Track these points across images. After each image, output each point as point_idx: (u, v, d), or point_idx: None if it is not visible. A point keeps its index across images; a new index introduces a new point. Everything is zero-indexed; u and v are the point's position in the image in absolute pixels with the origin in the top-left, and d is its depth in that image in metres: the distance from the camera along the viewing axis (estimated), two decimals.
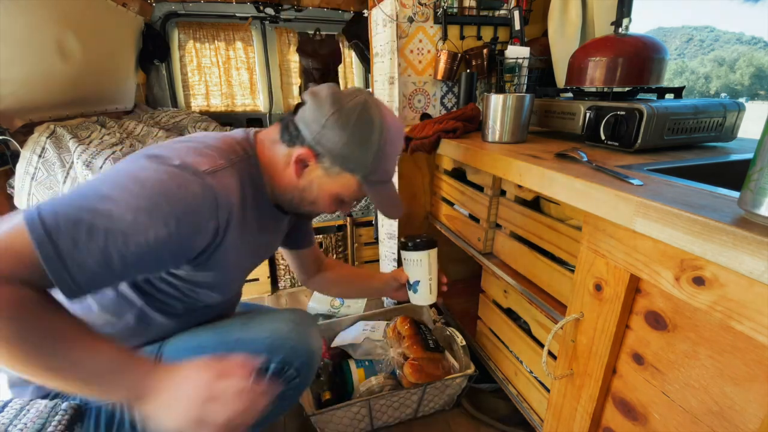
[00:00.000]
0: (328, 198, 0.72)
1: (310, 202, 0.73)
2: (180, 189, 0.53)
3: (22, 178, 1.41)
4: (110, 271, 0.50)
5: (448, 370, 1.10)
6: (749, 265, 0.40)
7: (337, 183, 0.70)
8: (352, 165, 0.68)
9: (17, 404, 0.63)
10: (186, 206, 0.54)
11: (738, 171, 0.57)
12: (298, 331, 0.74)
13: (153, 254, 0.53)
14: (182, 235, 0.54)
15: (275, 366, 0.70)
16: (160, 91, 3.06)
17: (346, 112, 0.65)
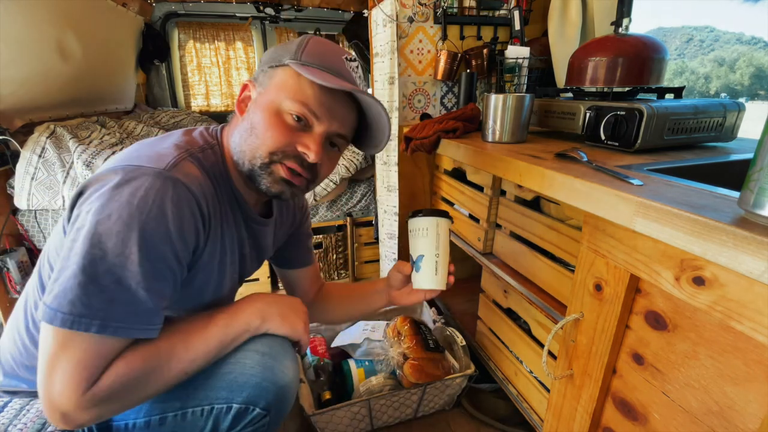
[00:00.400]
0: (268, 113, 0.60)
1: (249, 131, 0.62)
2: (157, 202, 0.51)
3: (22, 178, 1.41)
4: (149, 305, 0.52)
5: (448, 370, 1.10)
6: (749, 265, 0.40)
7: (272, 88, 0.61)
8: (282, 58, 0.61)
9: (17, 404, 0.63)
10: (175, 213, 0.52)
11: (738, 171, 0.57)
12: (265, 365, 0.63)
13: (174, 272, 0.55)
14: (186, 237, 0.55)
15: (237, 407, 0.62)
16: (160, 91, 3.06)
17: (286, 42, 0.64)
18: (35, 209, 1.46)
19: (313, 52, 0.61)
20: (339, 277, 2.01)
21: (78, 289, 0.47)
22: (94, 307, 0.48)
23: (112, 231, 0.49)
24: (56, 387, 0.48)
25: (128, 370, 0.51)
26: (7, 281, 1.41)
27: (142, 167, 0.52)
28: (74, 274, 0.48)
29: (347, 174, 1.72)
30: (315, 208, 1.81)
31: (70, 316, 0.47)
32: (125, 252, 0.49)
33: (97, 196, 0.50)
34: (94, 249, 0.48)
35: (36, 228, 1.49)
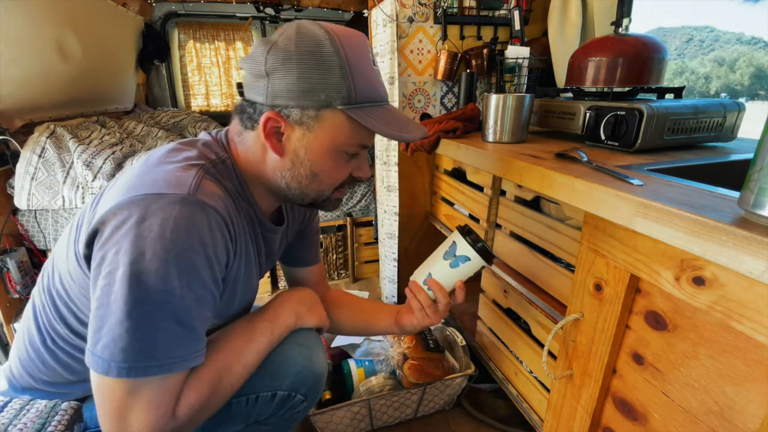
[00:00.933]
0: (327, 158, 0.58)
1: (309, 177, 0.60)
2: (189, 230, 0.49)
3: (22, 178, 1.41)
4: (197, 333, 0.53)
5: (448, 370, 1.10)
6: (749, 265, 0.40)
7: (323, 132, 0.56)
8: (323, 95, 0.53)
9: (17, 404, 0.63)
10: (209, 239, 0.51)
11: (738, 171, 0.57)
12: (304, 355, 0.69)
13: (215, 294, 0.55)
14: (221, 260, 0.55)
15: (282, 394, 0.67)
16: (160, 91, 3.06)
17: (282, 44, 0.53)
18: (35, 209, 1.46)
19: (360, 79, 0.55)
20: (339, 277, 2.01)
21: (127, 336, 0.46)
22: (147, 350, 0.48)
23: (150, 269, 0.46)
24: (133, 430, 0.49)
25: (198, 396, 0.54)
26: (7, 281, 1.41)
27: (164, 195, 0.49)
28: (120, 321, 0.46)
29: None
30: None
31: (125, 364, 0.47)
32: (168, 288, 0.47)
33: (124, 233, 0.47)
34: (135, 291, 0.46)
35: (36, 228, 1.49)
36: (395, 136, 0.57)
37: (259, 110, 0.56)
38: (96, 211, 0.53)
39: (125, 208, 0.48)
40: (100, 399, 0.49)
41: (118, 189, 0.53)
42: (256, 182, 0.63)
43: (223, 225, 0.54)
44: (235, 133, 0.63)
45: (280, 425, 0.72)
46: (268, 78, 0.54)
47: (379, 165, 1.52)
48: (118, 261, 0.47)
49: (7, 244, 1.44)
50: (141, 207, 0.48)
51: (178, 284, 0.48)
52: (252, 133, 0.59)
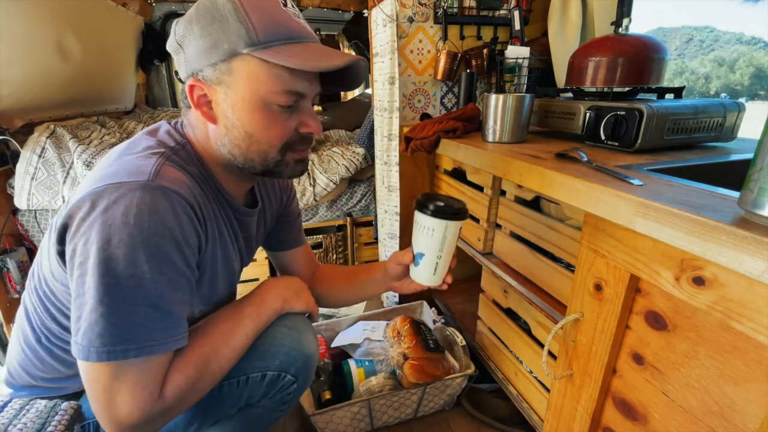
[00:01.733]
0: (255, 112, 0.55)
1: (245, 138, 0.57)
2: (153, 215, 0.49)
3: (22, 178, 1.41)
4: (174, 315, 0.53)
5: (448, 370, 1.10)
6: (749, 265, 0.40)
7: (241, 85, 0.54)
8: (225, 45, 0.52)
9: (17, 404, 0.63)
10: (174, 222, 0.51)
11: (738, 171, 0.57)
12: (292, 337, 0.71)
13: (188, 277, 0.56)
14: (190, 242, 0.54)
15: (272, 374, 0.69)
16: (160, 91, 3.07)
17: (185, 15, 0.55)
18: (35, 209, 1.46)
19: (261, 21, 0.52)
20: None
21: (102, 320, 0.47)
22: (124, 334, 0.48)
23: (118, 255, 0.47)
24: (122, 411, 0.50)
25: (186, 378, 0.55)
26: (7, 281, 1.41)
27: (125, 183, 0.49)
28: (94, 307, 0.47)
29: (347, 174, 1.72)
30: (315, 208, 1.81)
31: (104, 348, 0.48)
32: (137, 272, 0.48)
33: (89, 224, 0.48)
34: (105, 278, 0.47)
35: (36, 228, 1.49)
36: (311, 66, 0.53)
37: (187, 83, 0.56)
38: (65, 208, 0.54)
39: (88, 199, 0.49)
40: (88, 385, 0.51)
41: (84, 185, 0.54)
42: (214, 163, 0.63)
43: (189, 208, 0.53)
44: (184, 117, 0.64)
45: (272, 407, 0.73)
46: (182, 50, 0.55)
47: (379, 165, 1.52)
48: (87, 251, 0.48)
49: (7, 244, 1.44)
50: (103, 197, 0.49)
51: (147, 268, 0.49)
52: (192, 111, 0.59)
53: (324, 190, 1.70)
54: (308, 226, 1.84)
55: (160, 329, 0.51)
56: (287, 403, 0.75)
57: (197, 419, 0.67)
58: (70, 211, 0.51)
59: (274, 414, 0.75)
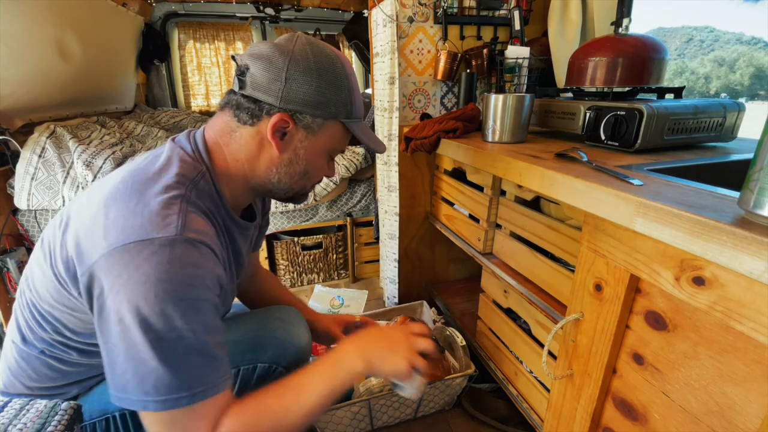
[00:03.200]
0: (319, 159, 0.66)
1: (301, 174, 0.66)
2: (185, 269, 0.51)
3: (22, 178, 1.41)
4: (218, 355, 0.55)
5: (448, 370, 1.10)
6: (749, 265, 0.40)
7: (323, 137, 0.63)
8: (333, 109, 0.61)
9: (17, 404, 0.63)
10: (206, 272, 0.53)
11: (738, 171, 0.57)
12: (284, 328, 0.72)
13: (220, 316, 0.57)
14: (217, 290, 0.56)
15: (263, 366, 0.69)
16: (160, 91, 3.07)
17: (301, 56, 0.59)
18: (35, 209, 1.46)
19: (356, 100, 0.65)
20: (339, 277, 2.01)
21: (154, 373, 0.49)
22: (176, 383, 0.50)
23: (157, 311, 0.48)
24: None
25: (239, 424, 0.54)
26: (7, 281, 1.41)
27: (155, 239, 0.50)
28: (142, 362, 0.49)
29: (347, 174, 1.72)
30: (315, 208, 1.81)
31: (159, 398, 0.49)
32: (177, 325, 0.50)
33: (123, 283, 0.49)
34: (148, 334, 0.48)
35: (36, 228, 1.49)
36: (372, 148, 0.69)
37: (266, 109, 0.59)
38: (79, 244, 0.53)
39: (117, 256, 0.49)
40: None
41: (100, 225, 0.52)
42: (238, 182, 0.65)
43: (213, 254, 0.56)
44: (222, 131, 0.63)
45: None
46: (286, 84, 0.58)
47: (379, 165, 1.52)
48: (123, 309, 0.48)
49: (7, 244, 1.44)
50: (134, 254, 0.49)
51: (186, 320, 0.50)
52: (249, 129, 0.61)
53: (324, 190, 1.70)
54: (308, 226, 1.85)
55: (208, 373, 0.53)
56: None
57: None
58: (97, 265, 0.50)
59: None
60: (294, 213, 1.79)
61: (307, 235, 1.90)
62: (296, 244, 1.86)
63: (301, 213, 1.79)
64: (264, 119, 0.60)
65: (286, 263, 1.89)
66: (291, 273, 1.92)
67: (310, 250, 1.90)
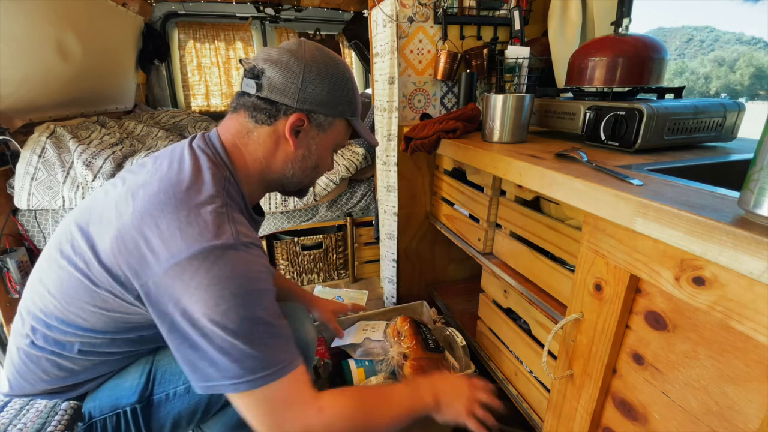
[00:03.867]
0: (327, 153, 0.74)
1: (312, 167, 0.74)
2: (249, 266, 0.58)
3: (22, 178, 1.41)
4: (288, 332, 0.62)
5: (449, 370, 1.10)
6: (749, 265, 0.40)
7: (332, 133, 0.72)
8: (340, 108, 0.69)
9: (17, 404, 0.63)
10: (264, 269, 0.60)
11: (738, 171, 0.57)
12: (291, 325, 0.72)
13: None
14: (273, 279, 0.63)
15: None
16: (160, 91, 3.07)
17: (313, 61, 0.65)
18: (35, 209, 1.46)
19: (358, 101, 0.74)
20: (339, 277, 2.01)
21: (242, 358, 0.55)
22: (265, 362, 0.56)
23: (236, 305, 0.55)
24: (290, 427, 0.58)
25: (345, 409, 0.62)
26: (7, 281, 1.41)
27: (217, 246, 0.55)
28: (227, 351, 0.54)
29: (347, 174, 1.72)
30: (315, 208, 1.81)
31: (252, 377, 0.55)
32: (254, 314, 0.56)
33: (195, 286, 0.54)
34: (228, 328, 0.54)
35: (36, 228, 1.49)
36: (371, 141, 0.78)
37: (284, 110, 0.65)
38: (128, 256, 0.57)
39: (186, 265, 0.54)
40: (252, 416, 0.58)
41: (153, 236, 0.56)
42: (255, 179, 0.71)
43: (261, 252, 0.62)
44: (239, 133, 0.68)
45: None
46: (302, 87, 0.65)
47: (379, 165, 1.52)
48: (198, 311, 0.54)
49: (7, 244, 1.44)
50: (201, 261, 0.54)
51: (259, 308, 0.57)
52: (266, 128, 0.67)
53: (324, 190, 1.70)
54: (308, 226, 1.85)
55: (286, 351, 0.60)
56: None
57: (200, 407, 0.69)
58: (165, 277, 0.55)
59: None
60: (294, 213, 1.78)
61: (307, 235, 1.90)
62: (296, 244, 1.86)
63: (301, 213, 1.79)
64: (281, 119, 0.66)
65: (286, 263, 1.89)
66: (291, 273, 1.92)
67: (310, 250, 1.91)
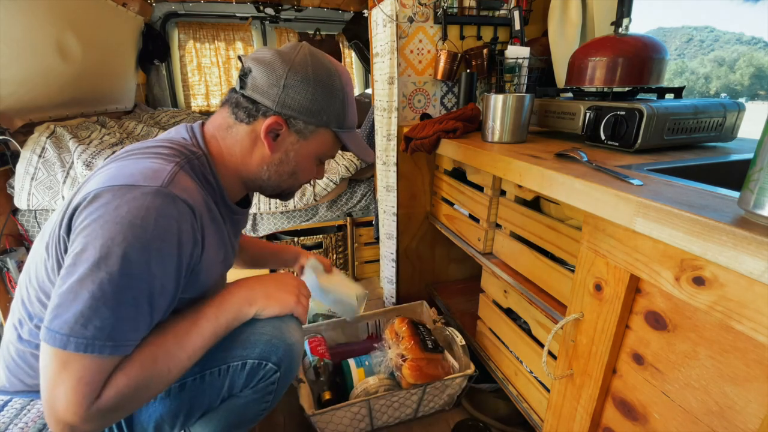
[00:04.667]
0: (308, 162, 0.71)
1: (289, 174, 0.71)
2: (159, 219, 0.51)
3: (22, 178, 1.41)
4: (151, 319, 0.55)
5: (448, 370, 1.10)
6: (749, 265, 0.40)
7: (314, 142, 0.68)
8: (325, 117, 0.66)
9: (17, 404, 0.63)
10: (176, 230, 0.53)
11: (738, 171, 0.57)
12: (273, 325, 0.71)
13: (176, 285, 0.56)
14: (186, 252, 0.56)
15: (252, 362, 0.69)
16: (160, 91, 3.07)
17: (301, 66, 0.63)
18: (35, 209, 1.46)
19: (350, 111, 0.70)
20: None
21: (89, 312, 0.48)
22: (107, 330, 0.49)
23: (119, 253, 0.49)
24: (60, 403, 0.48)
25: (128, 381, 0.52)
26: (7, 281, 1.41)
27: (140, 186, 0.52)
28: (83, 299, 0.48)
29: (347, 174, 1.72)
30: (315, 208, 1.81)
31: (83, 340, 0.48)
32: (133, 271, 0.50)
33: (96, 217, 0.50)
34: (101, 273, 0.48)
35: (36, 228, 1.49)
36: (363, 157, 0.74)
37: (263, 111, 0.64)
38: (73, 201, 0.55)
39: (101, 195, 0.51)
40: (42, 366, 0.50)
41: (95, 178, 0.55)
42: (232, 173, 0.69)
43: (192, 217, 0.56)
44: (220, 126, 0.67)
45: (256, 398, 0.72)
46: (283, 90, 0.63)
47: (378, 165, 1.52)
48: (87, 243, 0.49)
49: (7, 244, 1.44)
50: (116, 195, 0.51)
51: (145, 269, 0.50)
52: (245, 127, 0.66)
53: (324, 190, 1.70)
54: (308, 226, 1.84)
55: (132, 330, 0.52)
56: (272, 393, 0.74)
57: (182, 411, 0.67)
58: (80, 202, 0.52)
59: (260, 405, 0.74)
60: (294, 213, 1.78)
61: (307, 235, 1.90)
62: (296, 244, 1.86)
63: (301, 213, 1.79)
64: (260, 119, 0.64)
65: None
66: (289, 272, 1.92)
67: (310, 250, 1.90)
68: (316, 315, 1.64)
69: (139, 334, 0.53)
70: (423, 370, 1.05)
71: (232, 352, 0.68)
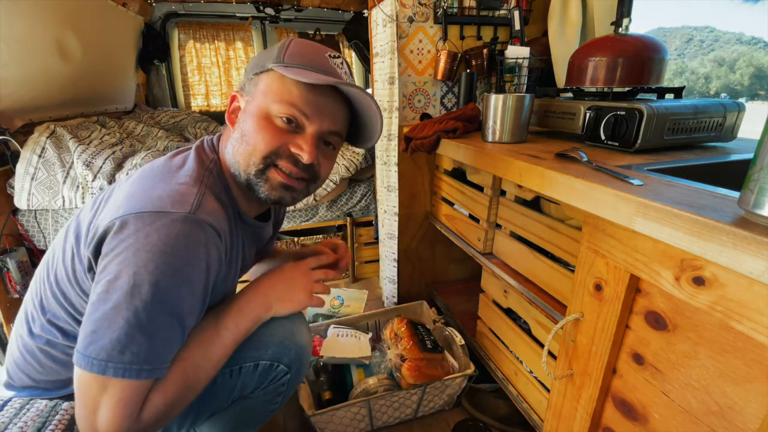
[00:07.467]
0: (257, 118, 0.60)
1: (239, 139, 0.63)
2: (189, 246, 0.53)
3: (22, 178, 1.41)
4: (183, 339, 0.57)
5: (448, 370, 1.10)
6: (749, 265, 0.40)
7: (258, 95, 0.60)
8: (261, 65, 0.62)
9: (17, 403, 0.63)
10: (205, 255, 0.55)
11: (738, 171, 0.57)
12: (285, 327, 0.72)
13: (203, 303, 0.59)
14: (213, 274, 0.58)
15: (264, 363, 0.69)
16: (160, 91, 3.06)
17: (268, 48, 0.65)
18: (35, 209, 1.46)
19: (295, 53, 0.61)
20: (339, 277, 2.01)
21: (125, 339, 0.49)
22: (143, 355, 0.51)
23: (151, 281, 0.50)
24: (102, 425, 0.50)
25: (165, 399, 0.55)
26: (7, 281, 1.41)
27: (169, 213, 0.53)
28: (120, 326, 0.49)
29: (347, 174, 1.72)
30: (315, 208, 1.81)
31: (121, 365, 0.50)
32: (164, 298, 0.51)
33: (127, 245, 0.51)
34: (134, 300, 0.49)
35: (36, 228, 1.49)
36: (314, 79, 0.57)
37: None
38: (99, 221, 0.56)
39: (130, 222, 0.52)
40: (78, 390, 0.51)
41: (121, 199, 0.56)
42: (231, 178, 0.67)
43: (219, 240, 0.58)
44: (224, 135, 0.68)
45: (266, 399, 0.73)
46: (246, 73, 0.65)
47: (379, 165, 1.52)
48: (120, 271, 0.50)
49: (7, 244, 1.44)
50: (146, 222, 0.51)
51: (176, 294, 0.52)
52: (228, 126, 0.67)
53: (324, 190, 1.70)
54: (308, 226, 1.84)
55: (166, 353, 0.54)
56: (281, 395, 0.75)
57: (192, 412, 0.68)
58: (109, 226, 0.53)
59: (269, 406, 0.75)
60: (294, 213, 1.79)
61: (307, 235, 1.90)
62: (296, 244, 1.86)
63: (301, 213, 1.79)
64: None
65: None
66: None
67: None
68: (316, 315, 1.64)
69: (172, 355, 0.55)
70: (422, 370, 1.05)
71: (244, 354, 0.68)
